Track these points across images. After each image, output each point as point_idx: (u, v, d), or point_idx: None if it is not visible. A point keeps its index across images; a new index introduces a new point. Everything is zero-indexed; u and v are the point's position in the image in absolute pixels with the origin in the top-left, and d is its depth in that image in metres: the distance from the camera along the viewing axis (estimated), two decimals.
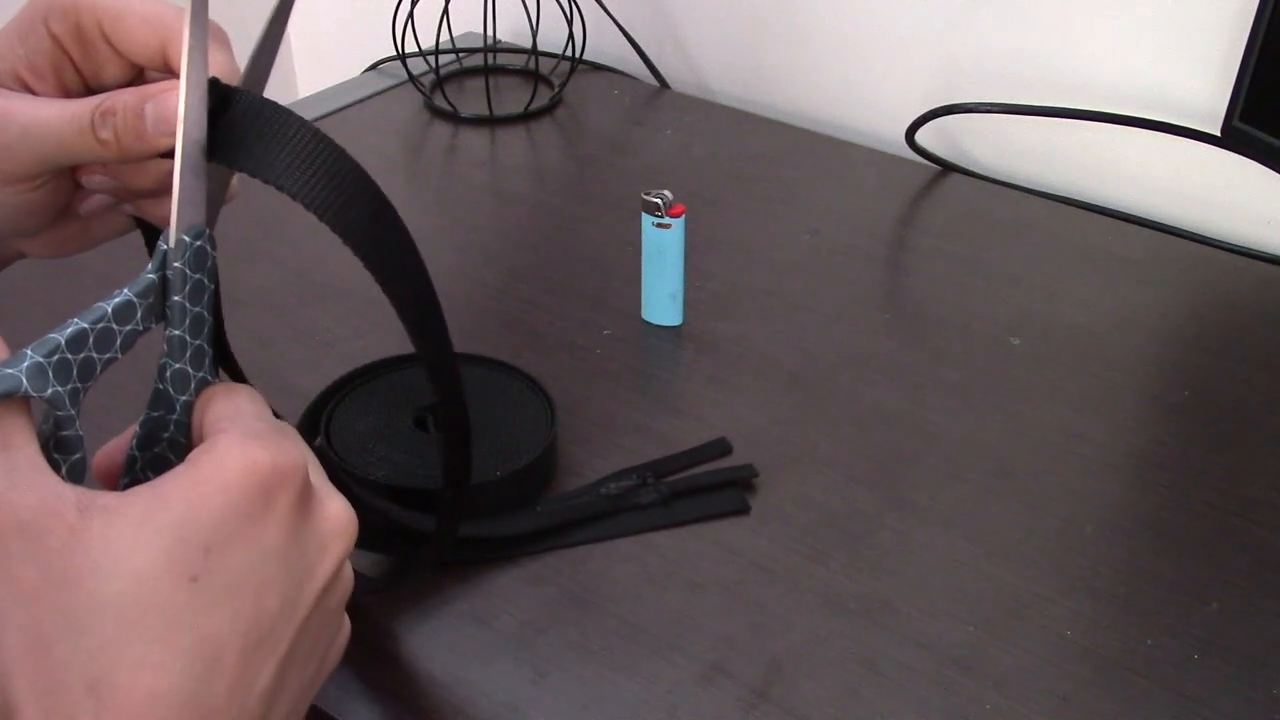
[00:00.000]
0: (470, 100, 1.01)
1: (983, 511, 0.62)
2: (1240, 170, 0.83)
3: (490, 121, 0.99)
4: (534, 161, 0.95)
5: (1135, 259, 0.83)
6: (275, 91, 0.41)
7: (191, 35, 0.39)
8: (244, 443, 0.35)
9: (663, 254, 0.72)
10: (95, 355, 0.37)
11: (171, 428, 0.39)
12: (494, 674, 0.53)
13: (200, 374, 0.40)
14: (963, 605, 0.56)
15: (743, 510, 0.61)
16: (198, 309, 0.39)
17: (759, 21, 1.02)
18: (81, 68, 0.44)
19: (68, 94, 0.44)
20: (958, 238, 0.85)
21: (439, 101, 1.00)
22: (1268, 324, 0.77)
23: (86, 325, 0.36)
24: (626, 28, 1.06)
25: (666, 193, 0.70)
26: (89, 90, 0.45)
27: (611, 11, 1.04)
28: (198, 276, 0.39)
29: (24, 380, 0.34)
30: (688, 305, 0.74)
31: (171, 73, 0.43)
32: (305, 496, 0.36)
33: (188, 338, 0.39)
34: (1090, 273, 0.81)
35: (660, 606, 0.56)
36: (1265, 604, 0.57)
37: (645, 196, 0.70)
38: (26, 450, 0.33)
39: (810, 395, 0.69)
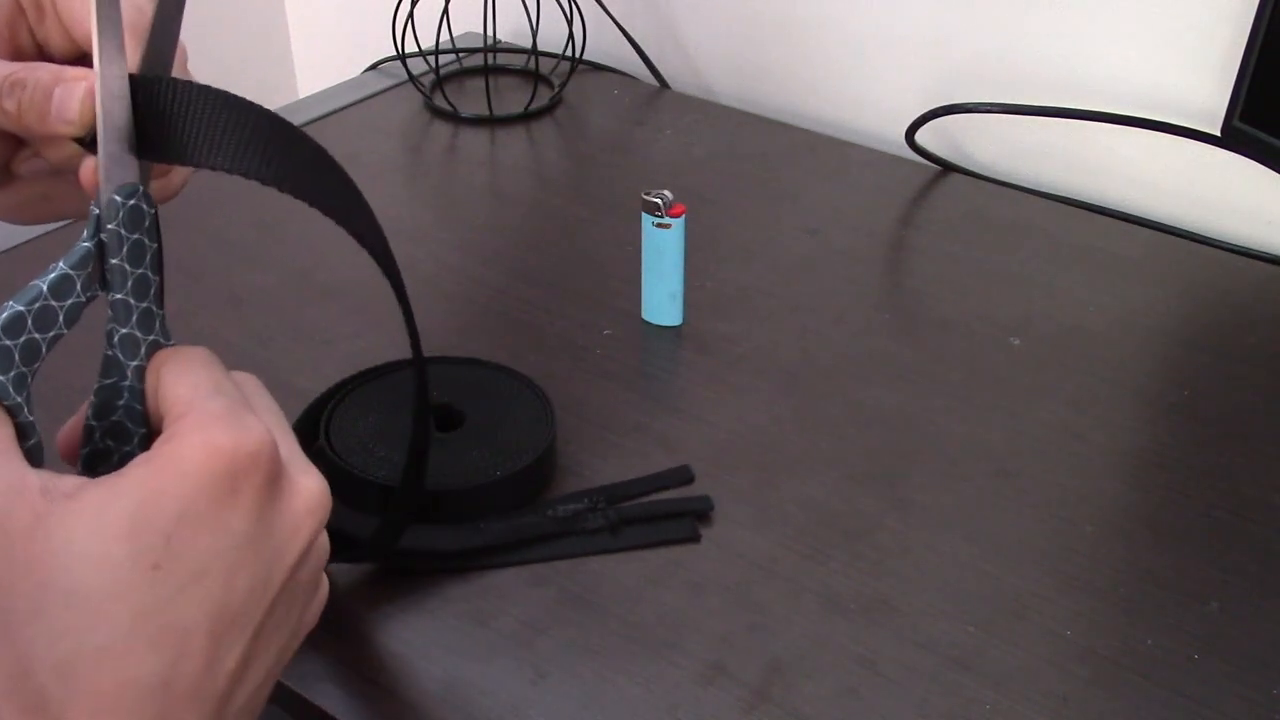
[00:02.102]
0: (470, 100, 1.01)
1: (983, 511, 0.62)
2: (1240, 170, 0.83)
3: (490, 121, 0.99)
4: (534, 161, 0.95)
5: (1135, 259, 0.83)
6: (275, 92, 0.41)
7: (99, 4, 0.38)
8: (205, 427, 0.35)
9: (663, 254, 0.72)
10: (37, 336, 0.36)
11: (125, 394, 0.38)
12: (494, 674, 0.53)
13: (151, 337, 0.39)
14: (963, 605, 0.56)
15: (693, 539, 0.60)
16: (140, 270, 0.38)
17: (759, 21, 1.02)
18: (35, 33, 0.44)
19: (19, 54, 0.44)
20: (958, 238, 0.85)
21: (439, 101, 1.00)
22: (1268, 324, 0.77)
23: (22, 308, 0.36)
24: (626, 28, 1.06)
25: (666, 193, 0.70)
26: (40, 56, 0.44)
27: (611, 11, 1.04)
28: (135, 236, 0.38)
29: None
30: (688, 305, 0.74)
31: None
32: (273, 476, 0.36)
33: (132, 300, 0.38)
34: (1090, 273, 0.81)
35: (660, 606, 0.56)
36: (1265, 604, 0.57)
37: (645, 196, 0.70)
38: None
39: (810, 395, 0.69)
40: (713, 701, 0.52)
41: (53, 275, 0.37)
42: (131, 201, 0.38)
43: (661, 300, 0.74)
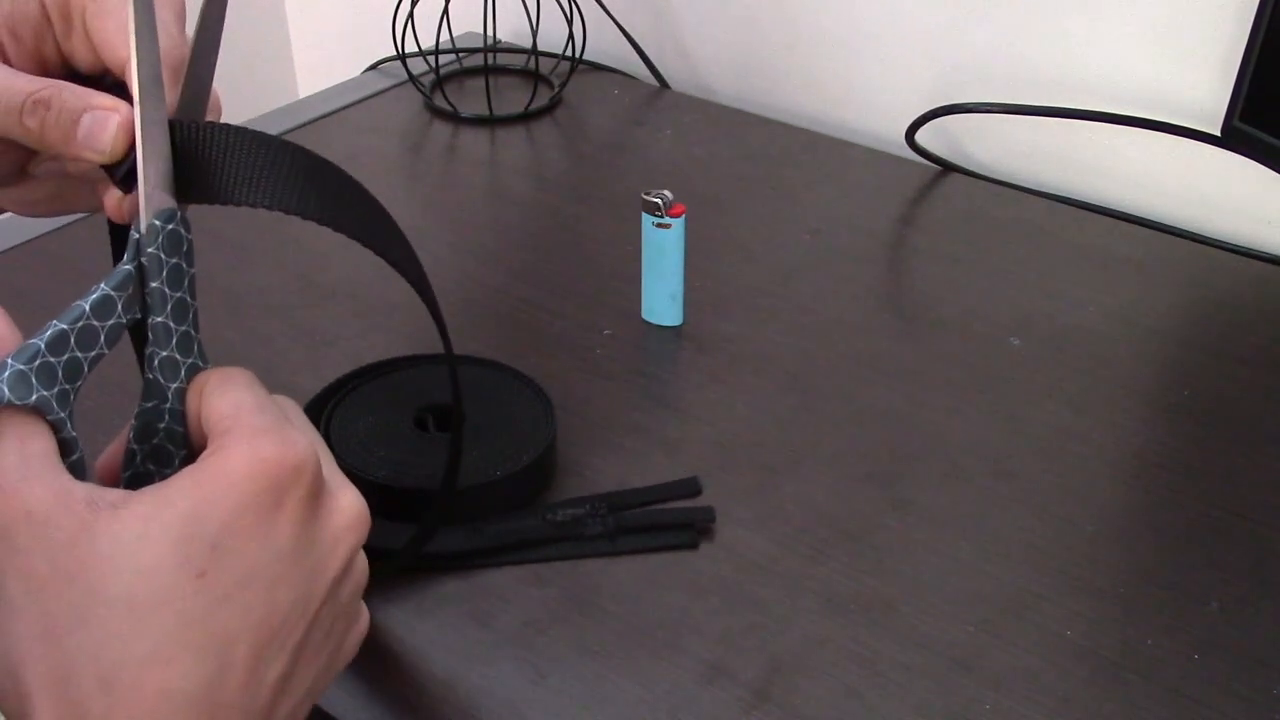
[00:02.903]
0: (470, 100, 1.01)
1: (983, 511, 0.62)
2: (1240, 170, 0.83)
3: (490, 121, 0.99)
4: (534, 161, 0.95)
5: (1135, 259, 0.83)
6: (275, 92, 0.41)
7: (137, 16, 0.38)
8: (251, 439, 0.35)
9: (663, 254, 0.72)
10: (80, 355, 0.37)
11: (166, 417, 0.39)
12: (494, 674, 0.53)
13: (190, 360, 0.39)
14: (963, 605, 0.56)
15: (690, 546, 0.59)
16: (179, 294, 0.39)
17: (759, 22, 1.02)
18: (61, 45, 0.44)
19: (43, 65, 0.44)
20: (958, 238, 0.85)
21: (439, 101, 1.00)
22: (1268, 324, 0.76)
23: (66, 326, 0.36)
24: (626, 28, 1.06)
25: (666, 193, 0.70)
26: (65, 68, 0.45)
27: (611, 11, 1.04)
28: (174, 261, 0.38)
29: (5, 389, 0.34)
30: (688, 305, 0.74)
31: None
32: (316, 491, 0.36)
33: (171, 324, 0.39)
34: (1090, 273, 0.81)
35: (660, 606, 0.56)
36: (1265, 604, 0.57)
37: (645, 196, 0.70)
38: (40, 443, 0.33)
39: (810, 395, 0.69)
40: (713, 701, 0.52)
41: (95, 296, 0.37)
42: (170, 226, 0.39)
43: (661, 300, 0.74)
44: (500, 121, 0.99)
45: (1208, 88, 0.84)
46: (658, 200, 0.70)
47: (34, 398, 0.34)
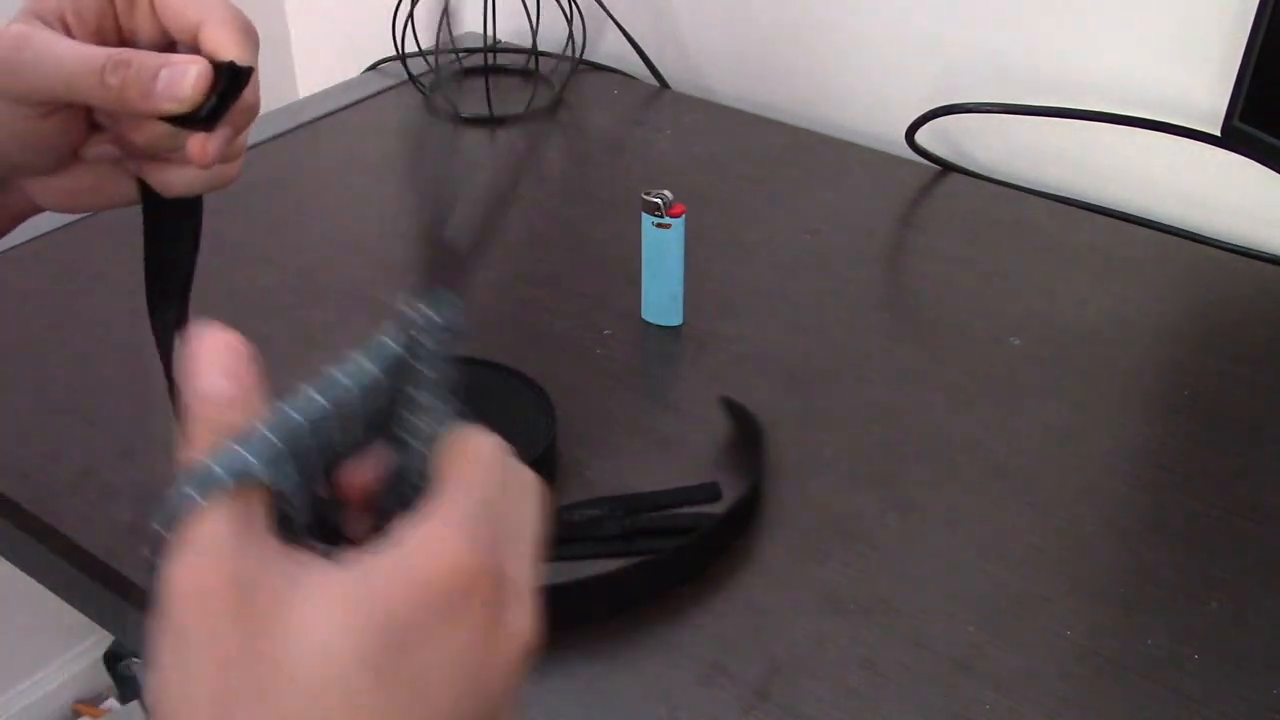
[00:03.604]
0: (470, 100, 1.01)
1: (983, 511, 0.62)
2: (1240, 170, 0.83)
3: (490, 121, 0.99)
4: (534, 161, 0.95)
5: (1135, 259, 0.83)
6: (275, 92, 0.41)
7: None
8: (454, 532, 0.32)
9: (663, 254, 0.72)
10: (338, 438, 0.34)
11: (414, 476, 0.36)
12: None
13: (441, 428, 0.37)
14: (963, 605, 0.56)
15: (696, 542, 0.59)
16: (444, 368, 0.36)
17: (759, 21, 1.02)
18: (122, 24, 0.48)
19: (104, 43, 0.48)
20: (958, 238, 0.85)
21: (439, 101, 1.00)
22: (1268, 324, 0.77)
23: (328, 405, 0.33)
24: (626, 28, 1.06)
25: (666, 193, 0.70)
26: (125, 45, 0.48)
27: (611, 11, 1.04)
28: (438, 341, 0.36)
29: (256, 465, 0.31)
30: (688, 305, 0.74)
31: (199, 51, 0.46)
32: (499, 596, 0.33)
33: (435, 399, 0.36)
34: (1090, 273, 0.81)
35: (660, 606, 0.56)
36: (1265, 604, 0.57)
37: (645, 196, 0.70)
38: (260, 526, 0.31)
39: (810, 395, 0.69)
40: (713, 701, 0.52)
41: (364, 378, 0.34)
42: (452, 314, 0.36)
43: (661, 300, 0.74)
44: (500, 121, 0.99)
45: (1208, 88, 0.84)
46: (658, 200, 0.70)
47: (287, 484, 0.31)
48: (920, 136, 0.93)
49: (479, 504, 0.34)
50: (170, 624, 0.31)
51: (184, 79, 0.45)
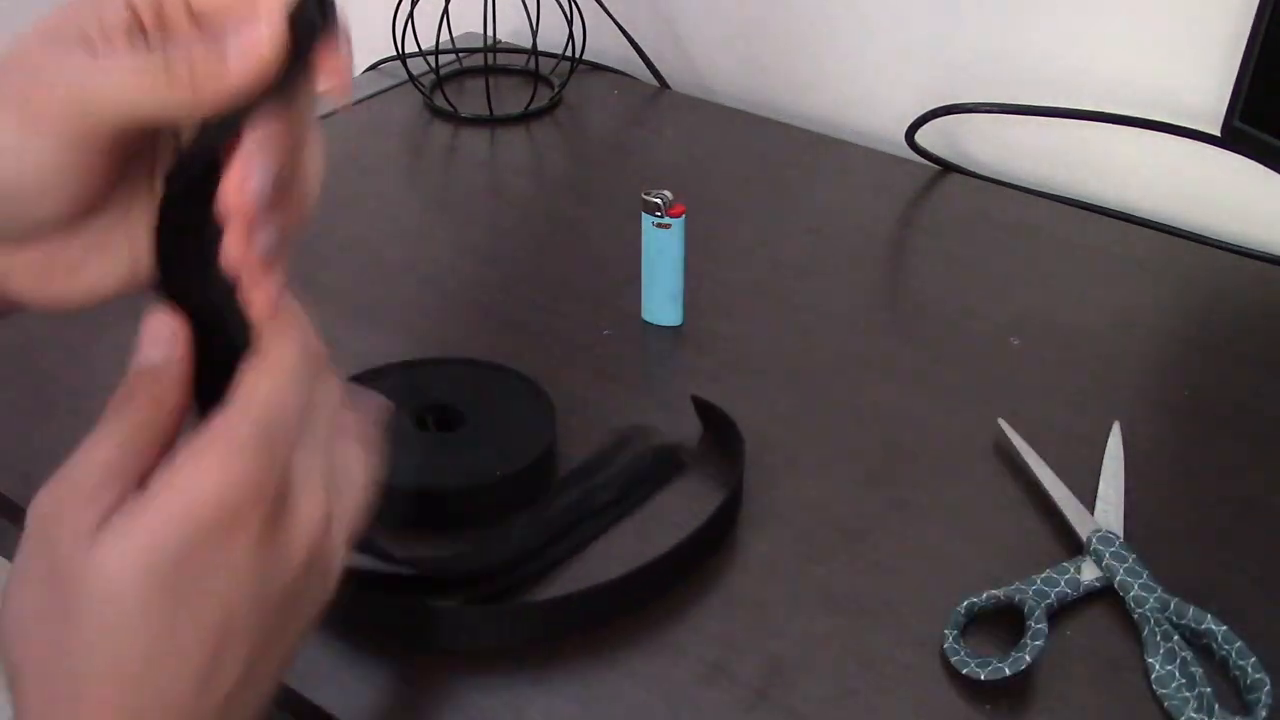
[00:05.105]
0: (470, 100, 1.01)
1: (983, 511, 0.62)
2: (1240, 170, 0.83)
3: (490, 121, 0.99)
4: (534, 161, 0.95)
5: (1135, 259, 0.83)
6: None
7: None
8: (225, 458, 0.36)
9: (663, 254, 0.72)
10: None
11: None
12: (494, 674, 0.53)
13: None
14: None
15: (680, 465, 0.63)
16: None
17: (759, 21, 1.02)
18: (151, 41, 0.38)
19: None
20: (958, 238, 0.85)
21: (439, 101, 1.00)
22: (1268, 324, 0.77)
23: None
24: (626, 28, 1.06)
25: (666, 193, 0.70)
26: None
27: (611, 11, 1.04)
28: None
29: None
30: (688, 305, 0.74)
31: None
32: (276, 505, 0.37)
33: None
34: (1090, 273, 0.81)
35: (661, 607, 0.56)
36: (1265, 604, 0.57)
37: (645, 196, 0.70)
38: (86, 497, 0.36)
39: (810, 395, 0.69)
40: (713, 701, 0.52)
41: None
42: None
43: (661, 300, 0.74)
44: (500, 121, 0.99)
45: (1208, 88, 0.84)
46: (658, 200, 0.70)
47: None
48: (920, 136, 0.93)
49: (256, 416, 0.37)
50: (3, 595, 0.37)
51: (256, 30, 0.36)
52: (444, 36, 1.01)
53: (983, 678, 0.52)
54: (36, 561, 0.36)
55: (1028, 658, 0.52)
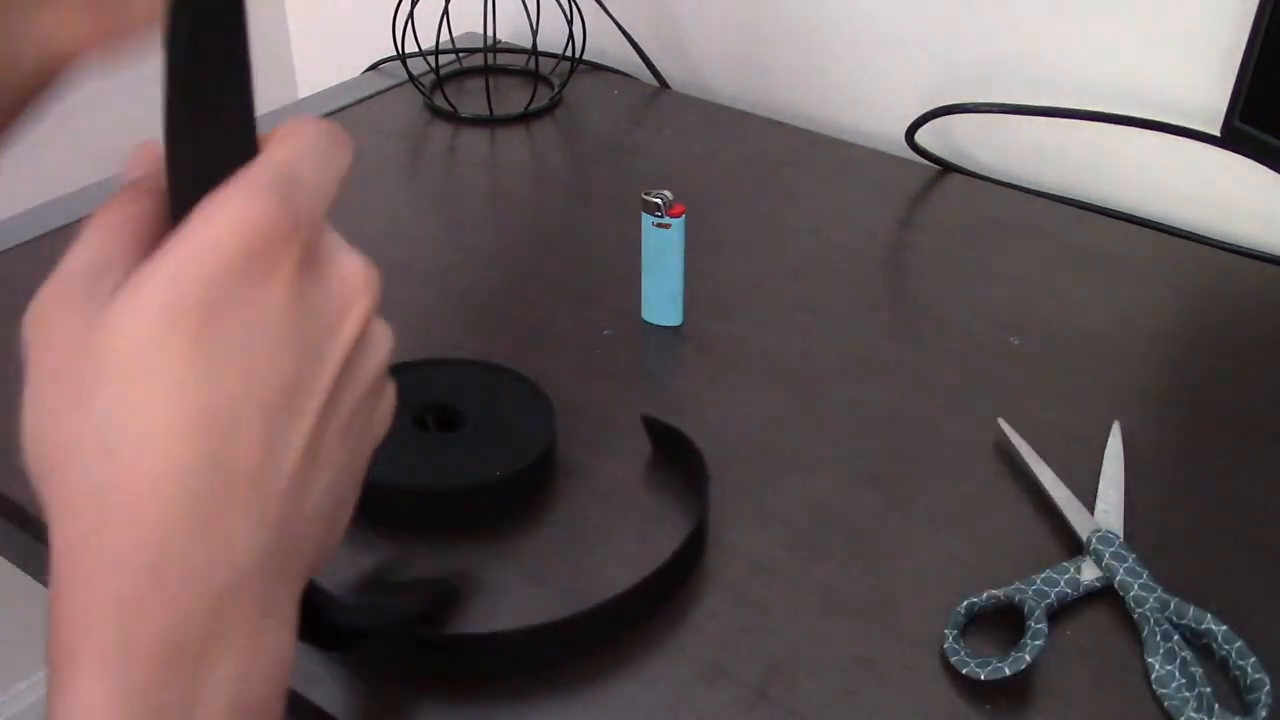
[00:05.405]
0: (470, 100, 1.01)
1: (983, 511, 0.62)
2: (1240, 170, 0.83)
3: (490, 121, 0.99)
4: (534, 161, 0.95)
5: (1135, 259, 0.83)
6: (276, 91, 0.40)
7: None
8: (245, 194, 0.32)
9: (663, 254, 0.72)
10: None
11: None
12: (495, 674, 0.53)
13: None
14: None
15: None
16: None
17: (759, 21, 1.02)
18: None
19: None
20: (958, 238, 0.85)
21: (439, 101, 1.00)
22: (1268, 324, 0.77)
23: None
24: (626, 28, 1.06)
25: (666, 193, 0.70)
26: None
27: (611, 11, 1.04)
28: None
29: None
30: (688, 305, 0.74)
31: None
32: (310, 255, 0.33)
33: None
34: (1090, 273, 0.81)
35: (660, 607, 0.56)
36: (1265, 604, 0.57)
37: (645, 196, 0.70)
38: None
39: (810, 395, 0.69)
40: (713, 701, 0.52)
41: None
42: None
43: (661, 300, 0.74)
44: (500, 121, 0.99)
45: (1208, 88, 0.84)
46: (658, 200, 0.70)
47: None
48: (920, 136, 0.93)
49: (277, 165, 0.33)
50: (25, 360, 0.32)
51: None
52: (444, 36, 1.01)
53: (983, 678, 0.52)
54: (44, 356, 0.31)
55: (1028, 657, 0.52)
